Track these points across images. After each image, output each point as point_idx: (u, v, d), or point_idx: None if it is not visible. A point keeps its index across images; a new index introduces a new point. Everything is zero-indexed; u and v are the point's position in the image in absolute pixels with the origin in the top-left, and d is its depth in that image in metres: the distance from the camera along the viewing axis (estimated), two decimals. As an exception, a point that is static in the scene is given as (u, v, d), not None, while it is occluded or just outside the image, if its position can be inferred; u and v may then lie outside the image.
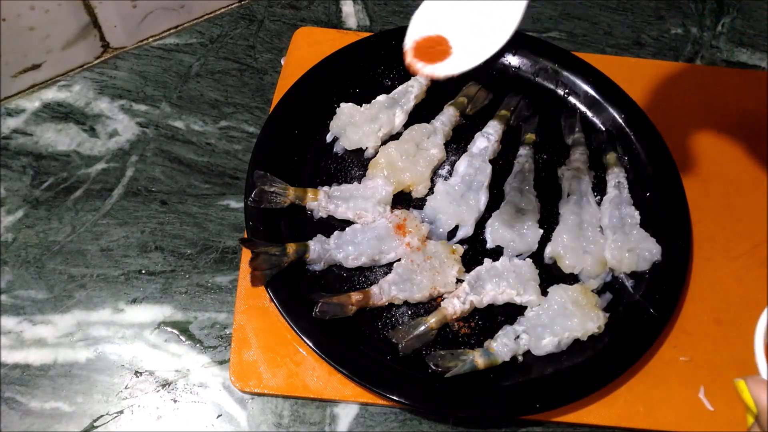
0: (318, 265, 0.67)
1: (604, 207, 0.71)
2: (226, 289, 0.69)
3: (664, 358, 0.66)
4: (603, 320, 0.65)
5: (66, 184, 0.74)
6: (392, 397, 0.60)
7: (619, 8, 0.91)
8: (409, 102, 0.76)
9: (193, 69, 0.82)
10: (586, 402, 0.63)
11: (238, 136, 0.78)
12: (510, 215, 0.70)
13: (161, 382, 0.65)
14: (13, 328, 0.66)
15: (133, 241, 0.71)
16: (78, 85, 0.80)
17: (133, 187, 0.74)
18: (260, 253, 0.63)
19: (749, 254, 0.73)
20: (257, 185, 0.67)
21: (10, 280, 0.68)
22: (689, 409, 0.64)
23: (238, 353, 0.64)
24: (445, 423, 0.64)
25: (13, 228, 0.71)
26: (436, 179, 0.74)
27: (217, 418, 0.63)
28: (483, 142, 0.75)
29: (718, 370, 0.66)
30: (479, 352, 0.63)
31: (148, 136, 0.77)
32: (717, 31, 0.90)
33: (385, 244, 0.67)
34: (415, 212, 0.71)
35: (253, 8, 0.87)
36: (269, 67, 0.83)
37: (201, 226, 0.72)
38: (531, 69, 0.81)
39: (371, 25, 0.87)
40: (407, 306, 0.67)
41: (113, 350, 0.66)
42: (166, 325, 0.67)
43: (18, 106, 0.78)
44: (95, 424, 0.63)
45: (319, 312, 0.63)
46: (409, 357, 0.63)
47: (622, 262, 0.68)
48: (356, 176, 0.74)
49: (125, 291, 0.68)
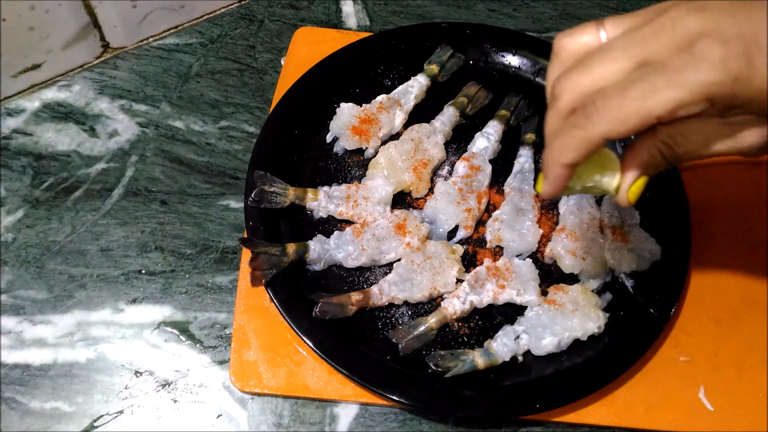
0: (318, 265, 0.67)
1: (604, 207, 0.71)
2: (226, 289, 0.69)
3: (664, 358, 0.66)
4: (603, 320, 0.65)
5: (66, 184, 0.74)
6: (392, 397, 0.60)
7: (619, 8, 0.91)
8: (409, 102, 0.76)
9: (193, 69, 0.82)
10: (586, 402, 0.63)
11: (238, 136, 0.78)
12: (510, 215, 0.70)
13: (161, 382, 0.65)
14: (13, 328, 0.66)
15: (133, 241, 0.71)
16: (78, 85, 0.80)
17: (133, 187, 0.74)
18: (260, 253, 0.63)
19: (749, 254, 0.73)
20: (257, 185, 0.67)
21: (10, 280, 0.68)
22: (689, 409, 0.64)
23: (238, 353, 0.64)
24: (445, 423, 0.64)
25: (13, 228, 0.71)
26: (436, 179, 0.74)
27: (217, 418, 0.63)
28: (483, 142, 0.75)
29: (718, 370, 0.66)
30: (479, 352, 0.63)
31: (148, 136, 0.77)
32: (717, 31, 0.90)
33: (385, 244, 0.67)
34: (415, 212, 0.71)
35: (253, 8, 0.87)
36: (269, 67, 0.83)
37: (201, 226, 0.72)
38: (531, 69, 0.81)
39: (371, 25, 0.87)
40: (407, 306, 0.67)
41: (113, 350, 0.66)
42: (166, 325, 0.67)
43: (18, 106, 0.78)
44: (95, 424, 0.63)
45: (319, 312, 0.63)
46: (409, 357, 0.63)
47: (622, 262, 0.68)
48: (356, 176, 0.74)
49: (125, 291, 0.68)
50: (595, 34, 0.46)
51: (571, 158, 0.45)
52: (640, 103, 0.41)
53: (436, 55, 0.79)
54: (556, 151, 0.46)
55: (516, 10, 0.90)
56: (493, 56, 0.81)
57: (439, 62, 0.79)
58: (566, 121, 0.45)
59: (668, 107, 0.41)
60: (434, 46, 0.80)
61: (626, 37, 0.44)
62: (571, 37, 0.47)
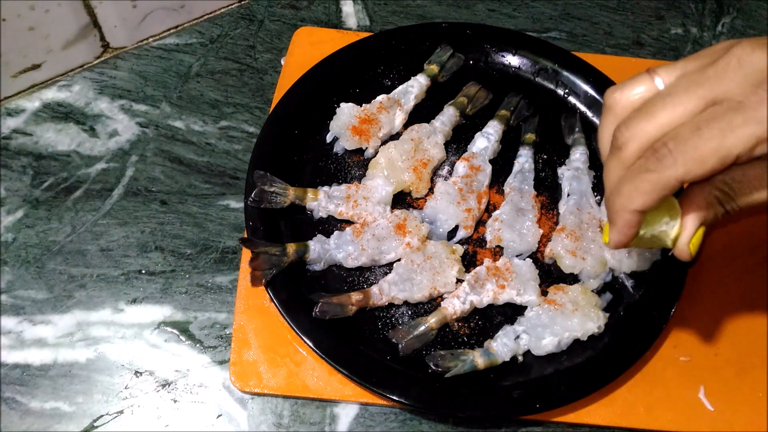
0: (318, 265, 0.67)
1: (604, 207, 0.71)
2: (226, 289, 0.69)
3: (664, 358, 0.66)
4: (603, 320, 0.65)
5: (66, 184, 0.74)
6: (392, 397, 0.60)
7: (619, 8, 0.91)
8: (409, 102, 0.76)
9: (193, 69, 0.82)
10: (586, 402, 0.63)
11: (238, 136, 0.78)
12: (510, 215, 0.70)
13: (161, 382, 0.65)
14: (13, 328, 0.66)
15: (133, 241, 0.71)
16: (78, 85, 0.80)
17: (133, 187, 0.74)
18: (260, 253, 0.63)
19: (749, 254, 0.73)
20: (257, 185, 0.67)
21: (10, 280, 0.68)
22: (689, 409, 0.64)
23: (238, 353, 0.64)
24: (445, 423, 0.64)
25: (13, 228, 0.71)
26: (436, 179, 0.74)
27: (217, 418, 0.63)
28: (483, 142, 0.75)
29: (718, 370, 0.66)
30: (479, 352, 0.63)
31: (148, 136, 0.77)
32: (717, 31, 0.90)
33: (385, 244, 0.67)
34: (415, 212, 0.71)
35: (253, 8, 0.87)
36: (269, 67, 0.83)
37: (201, 226, 0.72)
38: (531, 69, 0.81)
39: (371, 25, 0.87)
40: (407, 306, 0.67)
41: (113, 350, 0.66)
42: (166, 325, 0.67)
43: (18, 106, 0.78)
44: (95, 424, 0.63)
45: (319, 312, 0.63)
46: (409, 357, 0.63)
47: (622, 262, 0.68)
48: (356, 176, 0.74)
49: (125, 291, 0.68)
50: (650, 82, 0.46)
51: (642, 203, 0.44)
52: (717, 142, 0.40)
53: (436, 55, 0.79)
54: (625, 197, 0.44)
55: (516, 10, 0.90)
56: (493, 56, 0.81)
57: (439, 62, 0.79)
58: (634, 167, 0.44)
59: (748, 145, 0.40)
60: (434, 46, 0.80)
61: (688, 80, 0.43)
62: (625, 90, 0.46)
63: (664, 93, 0.44)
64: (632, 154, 0.44)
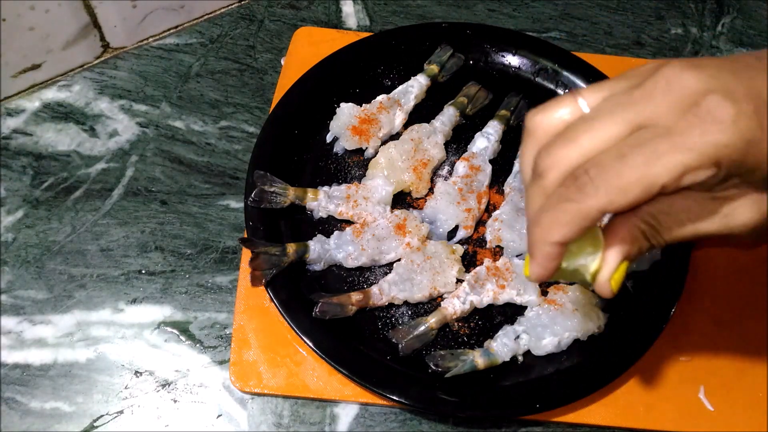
0: (318, 265, 0.67)
1: None
2: (226, 289, 0.69)
3: (664, 358, 0.66)
4: (603, 320, 0.65)
5: (66, 184, 0.74)
6: (392, 397, 0.60)
7: (619, 8, 0.91)
8: (409, 102, 0.76)
9: (193, 69, 0.82)
10: (586, 402, 0.63)
11: (238, 136, 0.78)
12: (510, 215, 0.70)
13: (161, 382, 0.65)
14: (13, 328, 0.66)
15: (133, 241, 0.71)
16: (78, 85, 0.80)
17: (133, 187, 0.74)
18: (260, 253, 0.63)
19: (749, 254, 0.73)
20: (257, 185, 0.67)
21: (10, 280, 0.68)
22: (689, 409, 0.64)
23: (238, 353, 0.64)
24: (445, 423, 0.64)
25: (13, 228, 0.71)
26: (436, 179, 0.74)
27: (217, 418, 0.63)
28: (483, 142, 0.75)
29: (718, 370, 0.66)
30: (479, 352, 0.63)
31: (148, 136, 0.77)
32: (717, 31, 0.90)
33: (385, 244, 0.67)
34: (415, 212, 0.71)
35: (253, 8, 0.87)
36: (269, 67, 0.83)
37: (201, 226, 0.72)
38: (531, 69, 0.81)
39: (371, 25, 0.87)
40: (407, 306, 0.67)
41: (113, 350, 0.66)
42: (166, 325, 0.67)
43: (18, 106, 0.78)
44: (95, 424, 0.63)
45: (319, 312, 0.63)
46: (409, 357, 0.63)
47: (622, 262, 0.68)
48: (356, 176, 0.74)
49: (125, 291, 0.68)
50: (574, 105, 0.42)
51: (562, 235, 0.40)
52: (642, 171, 0.37)
53: (436, 55, 0.79)
54: (545, 228, 0.40)
55: (516, 10, 0.90)
56: (493, 56, 0.81)
57: (439, 62, 0.79)
58: (553, 196, 0.40)
59: (675, 174, 0.37)
60: (434, 46, 0.80)
61: (614, 102, 0.40)
62: (547, 113, 0.43)
63: (587, 116, 0.41)
64: (553, 182, 0.41)
